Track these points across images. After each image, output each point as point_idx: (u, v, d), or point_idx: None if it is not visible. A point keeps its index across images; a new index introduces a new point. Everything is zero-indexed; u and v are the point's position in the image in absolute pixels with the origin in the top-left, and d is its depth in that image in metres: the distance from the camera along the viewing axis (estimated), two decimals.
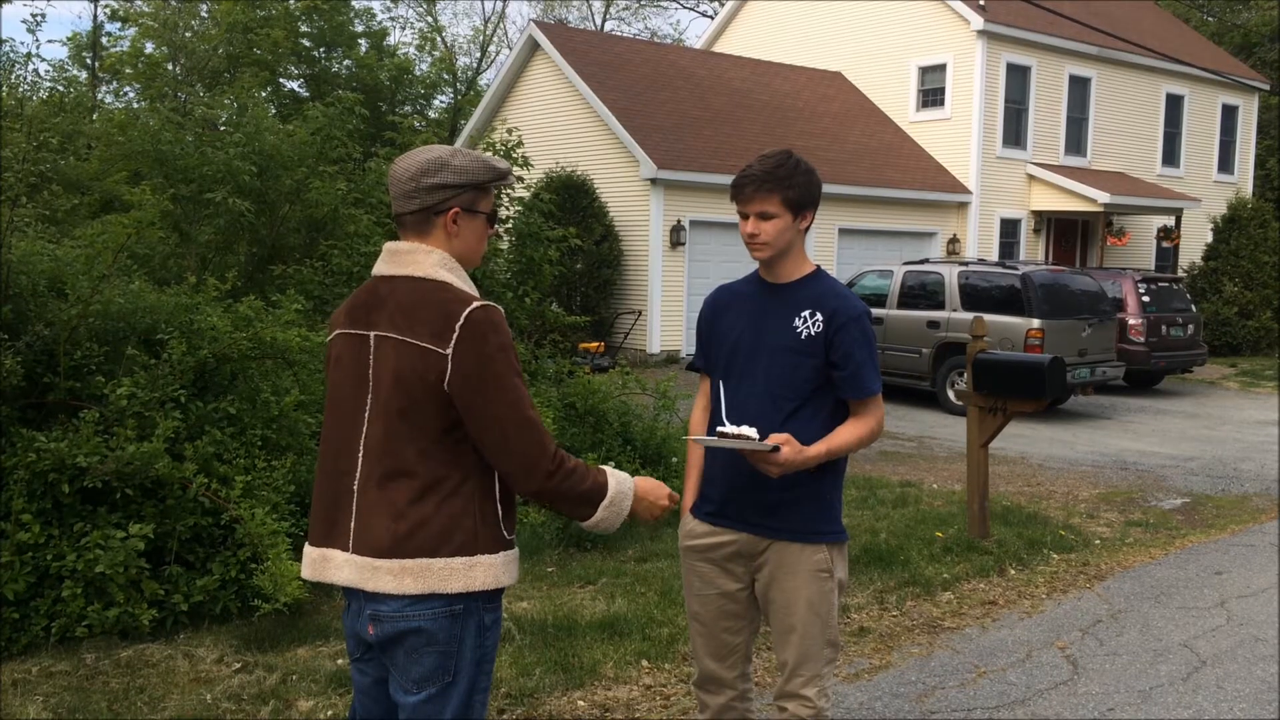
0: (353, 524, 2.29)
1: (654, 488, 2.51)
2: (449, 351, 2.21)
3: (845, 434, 2.90)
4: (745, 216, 2.93)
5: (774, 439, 2.72)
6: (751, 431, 2.59)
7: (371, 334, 2.30)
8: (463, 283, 2.33)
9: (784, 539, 2.94)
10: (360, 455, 2.30)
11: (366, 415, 2.30)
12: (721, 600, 3.05)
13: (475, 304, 2.26)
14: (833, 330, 2.89)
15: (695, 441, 2.63)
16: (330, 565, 2.32)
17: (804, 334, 2.90)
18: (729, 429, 2.60)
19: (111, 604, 4.51)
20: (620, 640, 4.78)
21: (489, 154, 2.47)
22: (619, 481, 2.41)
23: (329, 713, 3.99)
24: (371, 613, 2.26)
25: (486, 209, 2.41)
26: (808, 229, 2.99)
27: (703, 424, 3.14)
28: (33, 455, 4.56)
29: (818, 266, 3.04)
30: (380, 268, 2.38)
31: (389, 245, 2.38)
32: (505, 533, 2.33)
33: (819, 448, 2.81)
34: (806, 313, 2.92)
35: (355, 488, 2.30)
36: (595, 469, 2.38)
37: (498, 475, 2.32)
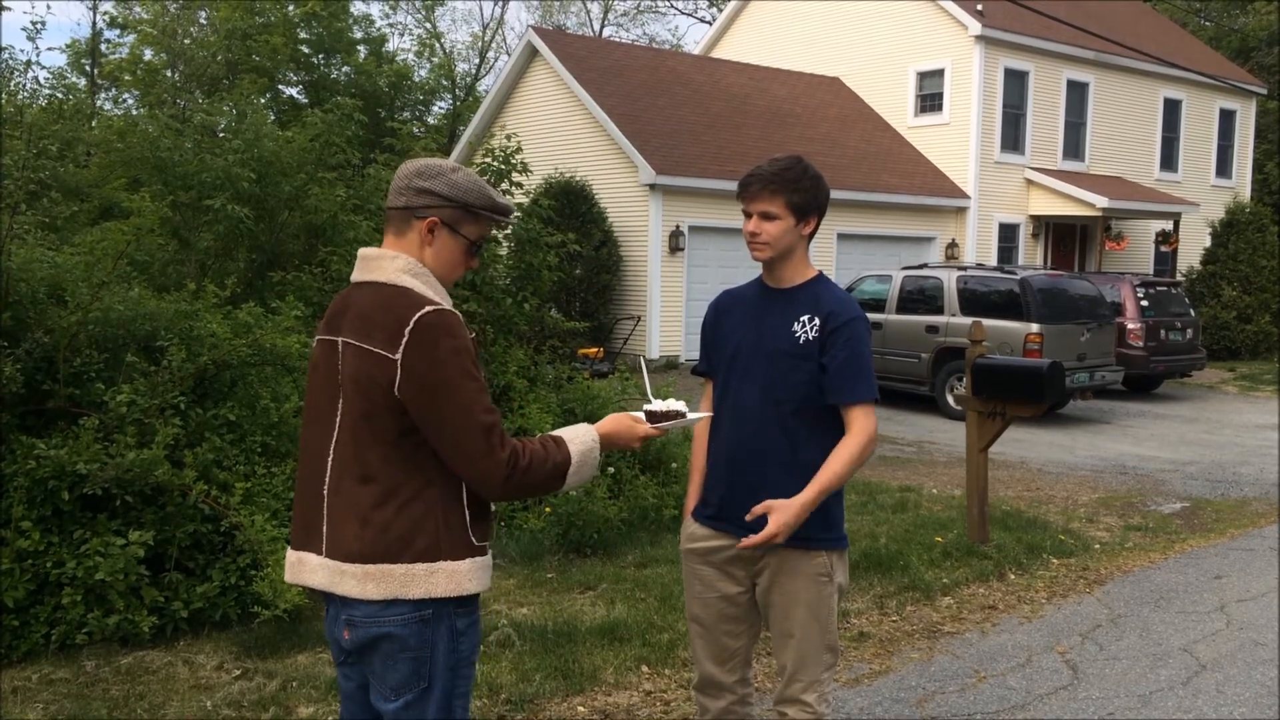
0: (325, 528, 2.31)
1: (624, 431, 2.50)
2: (398, 357, 2.20)
3: (833, 464, 2.82)
4: (749, 215, 2.94)
5: (756, 511, 2.75)
6: (680, 405, 2.55)
7: (340, 340, 2.33)
8: (427, 289, 2.31)
9: (783, 545, 2.93)
10: (330, 460, 2.32)
11: (337, 420, 2.32)
12: (722, 604, 3.05)
13: (428, 308, 2.23)
14: (826, 333, 2.89)
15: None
16: (305, 568, 2.35)
17: (802, 338, 2.91)
18: (656, 406, 2.53)
19: (111, 611, 4.51)
20: (620, 646, 4.78)
21: (496, 190, 2.43)
22: (581, 445, 2.38)
23: (329, 719, 3.99)
24: (346, 618, 2.29)
25: (471, 235, 2.38)
26: (811, 235, 2.99)
27: (705, 428, 3.14)
28: (33, 462, 4.56)
29: (820, 272, 3.03)
30: (354, 274, 2.41)
31: (361, 251, 2.40)
32: (473, 539, 2.30)
33: (809, 493, 2.77)
34: (805, 317, 2.92)
35: (325, 492, 2.32)
36: (554, 443, 2.34)
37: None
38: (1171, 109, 24.65)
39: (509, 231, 8.20)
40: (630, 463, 7.06)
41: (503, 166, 8.01)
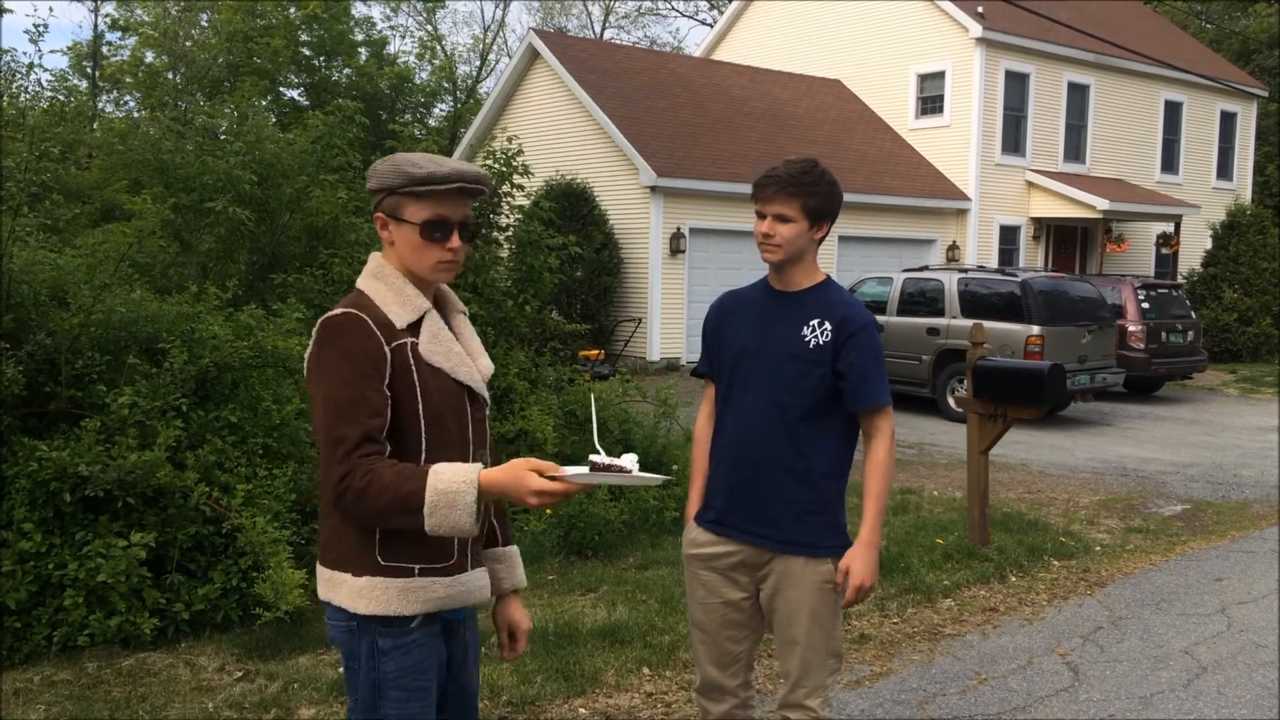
0: None
1: (512, 482, 2.06)
2: (307, 356, 2.23)
3: (872, 485, 2.91)
4: (762, 216, 2.92)
5: (840, 572, 2.86)
6: (629, 461, 2.15)
7: None
8: (385, 288, 2.25)
9: (789, 552, 2.93)
10: None
11: None
12: (725, 609, 3.05)
13: (337, 310, 2.19)
14: (841, 339, 2.88)
15: (572, 478, 2.07)
16: None
17: (812, 343, 2.90)
18: (602, 459, 2.13)
19: (113, 613, 4.52)
20: (621, 648, 4.78)
21: (422, 158, 2.25)
22: (444, 484, 2.06)
23: None
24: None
25: (414, 218, 2.23)
26: (822, 240, 2.98)
27: (707, 430, 3.14)
28: (34, 464, 4.57)
29: (828, 276, 3.02)
30: None
31: None
32: (380, 558, 2.18)
33: (866, 530, 2.88)
34: (815, 321, 2.91)
35: None
36: (414, 476, 2.07)
37: None
38: (1172, 111, 24.65)
39: (510, 234, 8.22)
40: None
41: (504, 169, 8.03)
